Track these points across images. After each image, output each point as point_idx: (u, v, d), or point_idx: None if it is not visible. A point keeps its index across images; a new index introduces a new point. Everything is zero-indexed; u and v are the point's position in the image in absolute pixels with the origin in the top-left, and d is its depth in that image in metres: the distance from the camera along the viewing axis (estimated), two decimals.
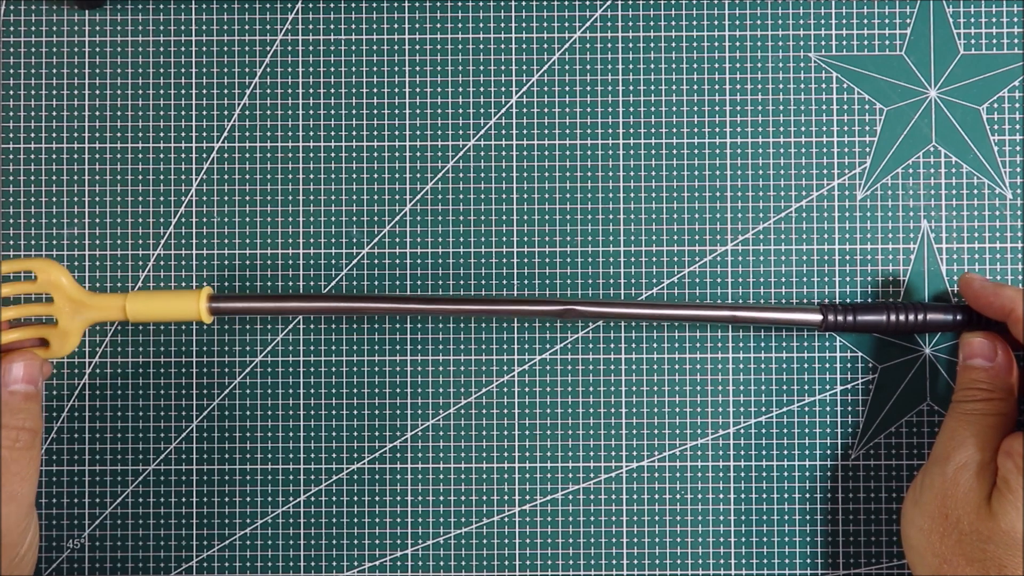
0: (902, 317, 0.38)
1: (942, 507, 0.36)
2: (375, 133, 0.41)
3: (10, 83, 0.41)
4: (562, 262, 0.41)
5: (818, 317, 0.38)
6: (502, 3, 0.42)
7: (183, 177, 0.41)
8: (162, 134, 0.41)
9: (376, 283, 0.41)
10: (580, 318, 0.39)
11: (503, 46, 0.41)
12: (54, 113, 0.41)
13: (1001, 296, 0.37)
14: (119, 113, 0.41)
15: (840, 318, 0.38)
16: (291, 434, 0.41)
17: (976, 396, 0.37)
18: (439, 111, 0.41)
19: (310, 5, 0.42)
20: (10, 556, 0.35)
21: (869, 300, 0.41)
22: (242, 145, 0.41)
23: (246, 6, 0.42)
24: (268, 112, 0.41)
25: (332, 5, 0.42)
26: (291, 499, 0.41)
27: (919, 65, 0.41)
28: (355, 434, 0.41)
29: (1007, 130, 0.41)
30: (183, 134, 0.41)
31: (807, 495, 0.41)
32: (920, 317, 0.38)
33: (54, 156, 0.41)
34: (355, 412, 0.41)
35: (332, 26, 0.42)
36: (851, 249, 0.41)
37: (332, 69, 0.42)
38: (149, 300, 0.37)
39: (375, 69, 0.42)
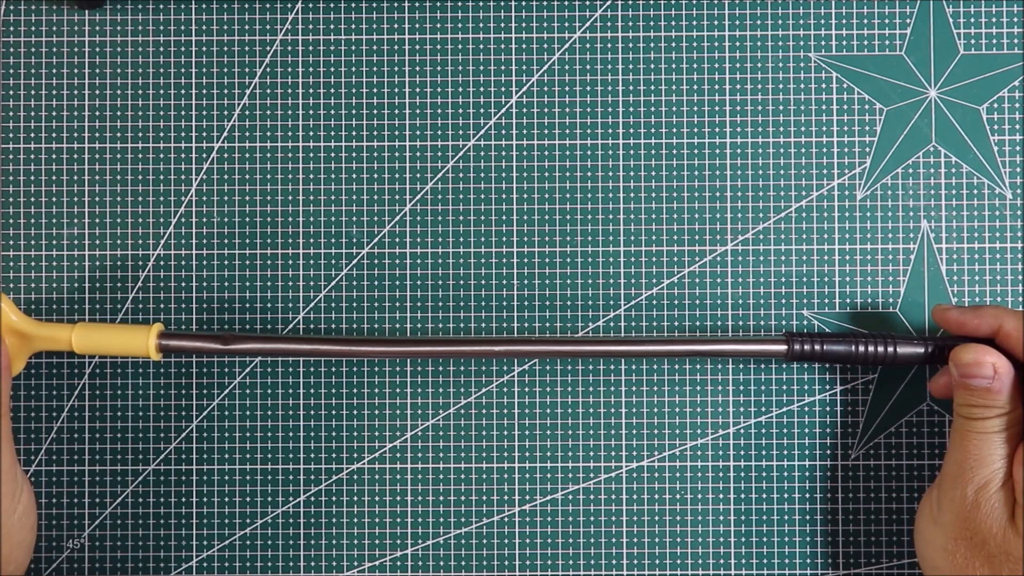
0: (871, 349, 0.37)
1: (965, 529, 0.35)
2: (375, 133, 0.41)
3: (10, 83, 0.41)
4: (562, 262, 0.41)
5: (783, 347, 0.38)
6: (502, 3, 0.42)
7: (183, 177, 0.41)
8: (162, 134, 0.41)
9: (376, 283, 0.41)
10: (526, 357, 0.39)
11: (503, 46, 0.41)
12: (54, 113, 0.41)
13: (984, 316, 0.36)
14: (119, 113, 0.41)
15: (807, 347, 0.37)
16: (291, 434, 0.41)
17: (983, 414, 0.36)
18: (439, 111, 0.41)
19: (310, 5, 0.42)
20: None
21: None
22: (242, 145, 0.41)
23: (246, 6, 0.42)
24: (268, 112, 0.41)
25: (332, 5, 0.42)
26: (291, 499, 0.41)
27: (919, 65, 0.41)
28: (355, 434, 0.41)
29: (1007, 130, 0.41)
30: (183, 134, 0.41)
31: (807, 495, 0.41)
32: (891, 350, 0.37)
33: (54, 156, 0.41)
34: (355, 412, 0.41)
35: (332, 26, 0.42)
36: (851, 249, 0.41)
37: (332, 69, 0.41)
38: (97, 333, 0.36)
39: (375, 69, 0.42)
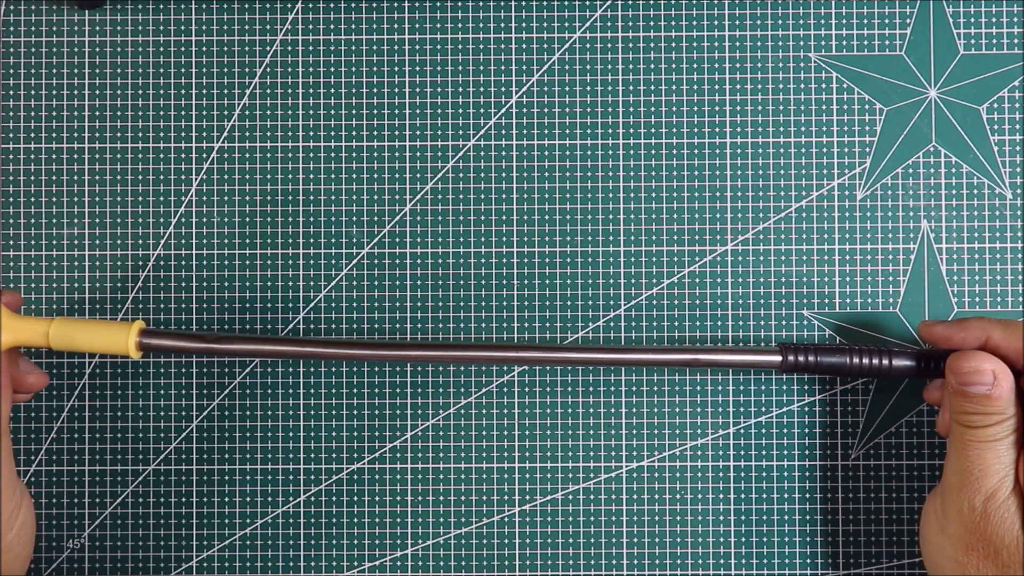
0: (864, 361, 0.37)
1: (976, 540, 0.35)
2: (375, 133, 0.41)
3: (10, 83, 0.41)
4: (562, 262, 0.41)
5: (777, 358, 0.37)
6: (502, 3, 0.42)
7: (183, 177, 0.41)
8: (162, 134, 0.41)
9: (376, 283, 0.41)
10: (521, 364, 0.38)
11: (503, 46, 0.41)
12: (54, 113, 0.41)
13: (970, 329, 0.36)
14: (119, 113, 0.41)
15: (800, 359, 0.37)
16: (291, 434, 0.41)
17: (984, 422, 0.35)
18: (439, 111, 0.41)
19: (310, 5, 0.42)
20: None
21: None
22: (242, 145, 0.41)
23: (246, 6, 0.42)
24: (268, 112, 0.41)
25: (332, 5, 0.42)
26: (291, 499, 0.41)
27: (919, 65, 0.41)
28: (355, 434, 0.41)
29: (1007, 130, 0.41)
30: (183, 134, 0.41)
31: (807, 495, 0.41)
32: (885, 362, 0.37)
33: (54, 156, 0.41)
34: (355, 412, 0.41)
35: (332, 26, 0.42)
36: (851, 249, 0.41)
37: (332, 69, 0.41)
38: (75, 328, 0.33)
39: (375, 69, 0.42)
